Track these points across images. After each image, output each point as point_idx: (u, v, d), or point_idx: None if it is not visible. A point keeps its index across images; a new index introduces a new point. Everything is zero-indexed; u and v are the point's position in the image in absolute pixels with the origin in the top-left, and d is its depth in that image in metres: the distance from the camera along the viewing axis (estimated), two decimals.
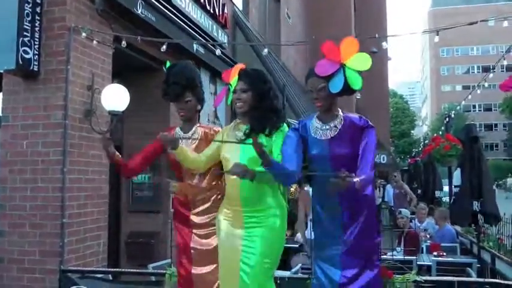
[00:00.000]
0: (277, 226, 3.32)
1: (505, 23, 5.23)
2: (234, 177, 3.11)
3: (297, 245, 8.10)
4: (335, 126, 3.27)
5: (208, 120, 8.98)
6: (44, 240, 5.41)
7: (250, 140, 2.94)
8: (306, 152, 3.36)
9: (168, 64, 3.75)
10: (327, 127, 3.29)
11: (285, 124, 3.45)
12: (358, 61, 3.17)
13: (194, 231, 3.64)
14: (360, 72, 3.16)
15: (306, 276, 4.48)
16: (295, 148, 3.26)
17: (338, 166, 2.98)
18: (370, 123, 3.32)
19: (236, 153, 3.31)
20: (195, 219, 3.65)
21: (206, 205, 3.65)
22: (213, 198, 3.65)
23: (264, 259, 3.24)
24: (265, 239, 3.27)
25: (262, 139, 3.27)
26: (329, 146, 3.25)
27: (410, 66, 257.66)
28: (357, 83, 3.16)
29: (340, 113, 3.33)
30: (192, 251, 3.61)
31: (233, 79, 3.49)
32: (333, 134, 3.26)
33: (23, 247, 5.46)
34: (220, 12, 10.18)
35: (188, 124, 3.73)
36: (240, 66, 3.55)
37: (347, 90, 3.20)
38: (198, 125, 3.74)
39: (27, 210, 5.48)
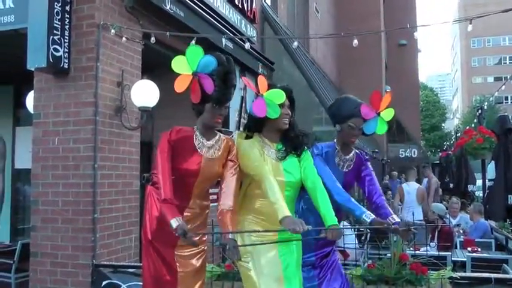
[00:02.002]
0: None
1: None
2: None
3: None
4: (351, 161, 3.74)
5: (240, 117, 8.99)
6: (77, 235, 5.47)
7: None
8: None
9: (199, 50, 3.15)
10: (345, 159, 3.72)
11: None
12: (388, 113, 3.65)
13: (178, 252, 3.29)
14: (386, 122, 3.67)
15: None
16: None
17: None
18: (367, 156, 3.89)
19: (280, 174, 3.29)
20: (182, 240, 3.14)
21: (199, 220, 3.38)
22: (205, 212, 3.44)
23: (299, 271, 3.35)
24: (298, 251, 3.37)
25: (293, 158, 3.39)
26: (344, 177, 3.69)
27: (441, 59, 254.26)
28: (382, 129, 3.67)
29: (353, 147, 3.81)
30: (179, 275, 3.29)
31: (271, 91, 3.28)
32: (350, 167, 3.73)
33: (56, 242, 5.53)
34: (249, 7, 10.15)
35: (211, 131, 3.34)
36: (264, 79, 3.39)
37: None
38: (219, 134, 3.41)
39: (59, 205, 5.55)
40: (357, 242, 8.21)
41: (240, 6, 9.63)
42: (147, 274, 3.33)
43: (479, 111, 12.35)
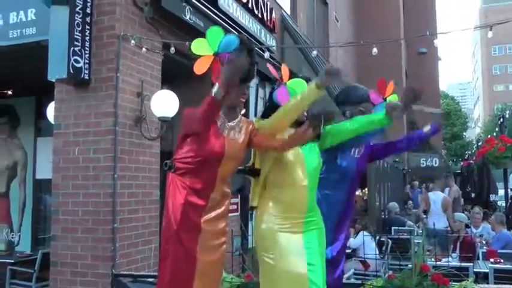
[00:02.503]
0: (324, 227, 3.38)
1: None
2: (304, 184, 3.17)
3: (349, 250, 7.99)
4: (361, 147, 3.84)
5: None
6: (96, 244, 5.50)
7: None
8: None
9: (220, 31, 3.10)
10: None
11: None
12: (393, 99, 3.80)
13: (201, 242, 3.09)
14: None
15: (359, 282, 4.40)
16: None
17: (356, 178, 3.83)
18: None
19: (301, 158, 3.23)
20: (206, 227, 3.12)
21: (220, 209, 3.23)
22: (226, 203, 3.29)
23: (323, 259, 3.27)
24: (321, 239, 3.31)
25: (312, 144, 3.31)
26: (357, 163, 3.79)
27: (461, 67, 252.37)
28: None
29: None
30: (198, 265, 3.09)
31: (293, 80, 3.32)
32: (361, 152, 3.84)
33: (76, 251, 5.57)
34: (268, 17, 10.16)
35: (233, 112, 3.24)
36: (286, 67, 3.43)
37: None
38: (240, 116, 3.32)
39: (79, 215, 5.59)
40: (377, 252, 8.15)
41: (259, 15, 9.64)
42: (169, 265, 3.09)
43: (501, 119, 12.20)
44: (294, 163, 3.20)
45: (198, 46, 3.07)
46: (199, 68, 3.05)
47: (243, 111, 3.35)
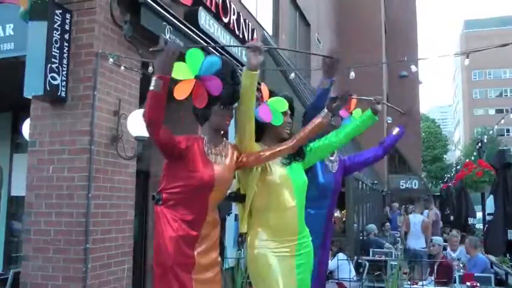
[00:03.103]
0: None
1: None
2: (292, 205, 3.16)
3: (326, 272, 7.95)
4: (336, 162, 3.99)
5: None
6: (68, 265, 5.39)
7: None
8: (309, 176, 3.55)
9: (199, 53, 2.98)
10: (333, 160, 3.96)
11: None
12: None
13: (195, 276, 2.94)
14: None
15: None
16: None
17: (335, 194, 3.92)
18: None
19: (288, 179, 3.22)
20: (200, 260, 2.99)
21: (212, 239, 3.10)
22: (216, 231, 3.16)
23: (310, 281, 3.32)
24: (310, 264, 3.31)
25: (297, 164, 3.35)
26: (335, 177, 3.92)
27: (442, 90, 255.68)
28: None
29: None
30: None
31: (274, 99, 3.30)
32: (337, 168, 3.96)
33: (47, 272, 5.44)
34: (250, 37, 10.19)
35: (217, 136, 3.15)
36: (265, 86, 3.42)
37: None
38: (224, 139, 3.24)
39: (51, 235, 5.48)
40: (355, 274, 8.14)
41: (240, 36, 9.68)
42: None
43: (479, 144, 12.34)
44: (280, 185, 3.18)
45: (177, 70, 2.89)
46: (180, 93, 2.93)
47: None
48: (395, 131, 4.21)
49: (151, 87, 2.71)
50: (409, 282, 6.71)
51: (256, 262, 3.15)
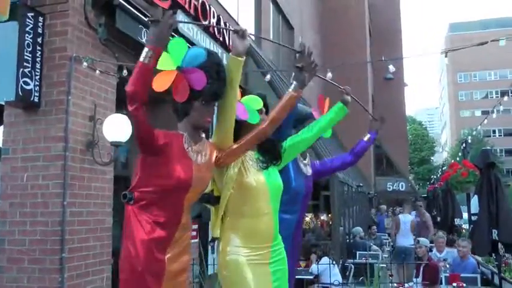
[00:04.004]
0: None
1: None
2: (267, 211, 3.01)
3: (312, 277, 7.86)
4: (309, 164, 3.81)
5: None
6: (43, 275, 5.23)
7: None
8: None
9: (183, 42, 2.77)
10: (306, 163, 3.79)
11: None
12: None
13: (165, 284, 2.72)
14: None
15: None
16: None
17: (306, 199, 3.76)
18: None
19: (264, 183, 3.05)
20: (170, 266, 2.75)
21: (183, 244, 2.88)
22: (189, 234, 2.95)
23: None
24: (285, 270, 3.16)
25: (274, 169, 3.21)
26: (307, 181, 3.74)
27: (429, 93, 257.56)
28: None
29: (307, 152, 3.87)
30: None
31: (248, 97, 3.18)
32: (309, 172, 3.80)
33: (22, 283, 5.27)
34: (231, 41, 10.09)
35: (197, 133, 2.91)
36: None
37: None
38: (203, 137, 3.00)
39: (26, 244, 5.32)
40: (341, 278, 8.06)
41: (221, 40, 9.57)
42: None
43: (464, 145, 12.34)
44: (256, 190, 3.01)
45: (163, 60, 2.68)
46: (160, 84, 2.67)
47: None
48: (366, 137, 4.14)
49: (141, 58, 2.49)
50: (395, 285, 6.63)
51: (228, 269, 2.98)
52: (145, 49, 2.51)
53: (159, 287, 2.69)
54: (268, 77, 6.12)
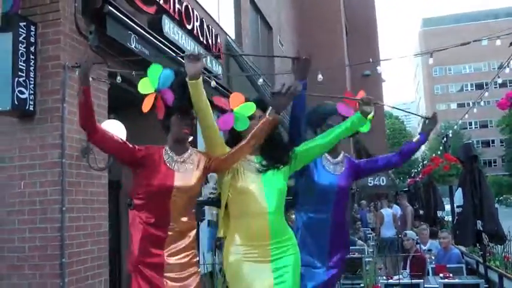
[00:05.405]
0: (298, 252, 3.33)
1: (498, 42, 5.25)
2: (263, 211, 3.14)
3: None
4: (341, 162, 3.73)
5: None
6: (45, 281, 5.32)
7: None
8: (306, 179, 3.44)
9: (159, 68, 3.22)
10: (336, 162, 3.72)
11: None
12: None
13: (167, 275, 3.10)
14: (369, 120, 3.56)
15: None
16: None
17: (340, 197, 3.65)
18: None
19: (260, 184, 3.20)
20: (170, 260, 3.13)
21: (185, 242, 3.23)
22: (191, 234, 3.28)
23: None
24: (295, 266, 3.24)
25: (275, 171, 3.29)
26: (337, 180, 3.67)
27: (405, 87, 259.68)
28: (366, 127, 3.65)
29: (341, 150, 3.79)
30: None
31: (242, 105, 3.28)
32: (342, 170, 3.71)
33: None
34: (214, 43, 10.22)
35: (180, 146, 3.28)
36: (240, 94, 3.38)
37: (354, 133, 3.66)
38: (191, 148, 3.35)
39: (26, 251, 5.40)
40: None
41: (205, 42, 9.69)
42: None
43: (445, 138, 12.58)
44: (250, 191, 3.18)
45: (142, 85, 3.20)
46: (145, 105, 3.18)
47: (190, 138, 3.35)
48: (416, 138, 4.06)
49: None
50: (384, 277, 6.80)
51: (230, 268, 3.20)
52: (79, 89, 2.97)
53: (160, 276, 3.08)
54: (260, 80, 6.27)
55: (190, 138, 3.35)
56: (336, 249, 3.70)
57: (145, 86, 3.19)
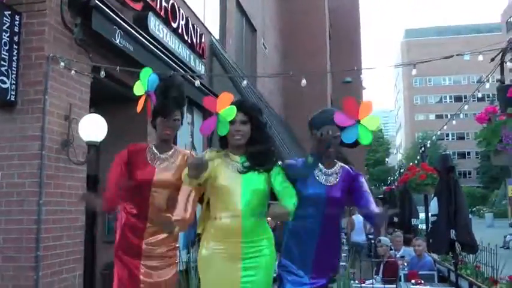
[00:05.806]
0: (274, 254, 3.36)
1: (480, 57, 5.36)
2: (236, 208, 3.18)
3: (274, 275, 8.03)
4: (336, 174, 3.55)
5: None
6: (18, 273, 5.27)
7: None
8: (295, 186, 3.45)
9: (149, 71, 3.58)
10: (329, 173, 3.54)
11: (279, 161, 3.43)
12: (372, 121, 3.39)
13: (143, 262, 3.44)
14: (371, 132, 3.38)
15: None
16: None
17: (331, 209, 3.50)
18: (358, 172, 3.68)
19: (237, 184, 3.23)
20: (148, 249, 3.45)
21: (165, 234, 3.50)
22: (172, 231, 3.54)
23: None
24: (267, 268, 3.27)
25: (256, 173, 3.29)
26: (327, 190, 3.49)
27: (384, 96, 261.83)
28: (366, 139, 3.37)
29: (337, 161, 3.62)
30: (141, 285, 3.40)
31: (225, 109, 3.24)
32: (335, 181, 3.52)
33: None
34: (198, 42, 10.23)
35: (165, 144, 3.57)
36: (228, 95, 3.32)
37: (354, 144, 3.43)
38: (175, 148, 3.62)
39: (0, 243, 5.34)
40: None
41: (189, 41, 9.70)
42: (115, 282, 3.51)
43: (423, 148, 12.73)
44: (226, 189, 3.22)
45: (136, 88, 3.57)
46: (138, 107, 3.56)
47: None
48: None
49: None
50: (357, 282, 6.86)
51: (201, 262, 3.30)
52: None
53: (137, 264, 3.43)
54: (244, 82, 6.30)
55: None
56: (322, 261, 3.51)
57: (138, 88, 3.56)
